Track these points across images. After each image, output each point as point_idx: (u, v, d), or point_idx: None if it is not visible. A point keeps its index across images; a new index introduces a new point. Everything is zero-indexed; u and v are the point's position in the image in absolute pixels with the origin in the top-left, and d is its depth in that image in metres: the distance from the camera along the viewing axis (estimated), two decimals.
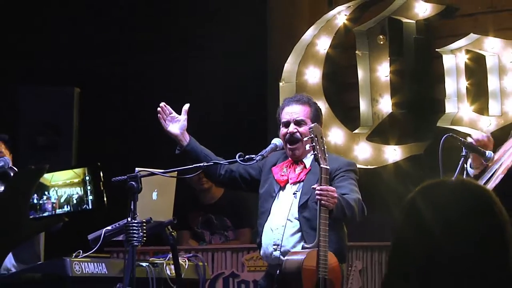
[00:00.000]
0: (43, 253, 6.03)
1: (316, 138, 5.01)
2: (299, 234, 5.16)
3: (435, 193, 1.91)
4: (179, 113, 5.35)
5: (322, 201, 4.90)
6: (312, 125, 5.13)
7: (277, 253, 5.18)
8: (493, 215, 1.88)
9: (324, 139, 5.10)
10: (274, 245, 5.19)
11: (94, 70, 8.44)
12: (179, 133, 5.32)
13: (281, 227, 5.19)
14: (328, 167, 5.00)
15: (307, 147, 5.07)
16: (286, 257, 5.09)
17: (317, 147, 4.99)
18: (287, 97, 5.76)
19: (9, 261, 5.53)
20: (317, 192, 4.92)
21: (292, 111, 5.34)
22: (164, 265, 5.18)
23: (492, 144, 5.04)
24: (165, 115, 5.32)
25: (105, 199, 2.03)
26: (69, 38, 8.48)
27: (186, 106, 5.33)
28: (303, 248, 5.09)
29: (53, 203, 2.01)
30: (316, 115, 5.36)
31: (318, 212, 4.92)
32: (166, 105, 5.34)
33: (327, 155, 5.04)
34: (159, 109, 5.33)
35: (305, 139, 5.14)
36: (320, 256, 4.92)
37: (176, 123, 5.33)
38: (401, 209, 1.94)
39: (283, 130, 5.32)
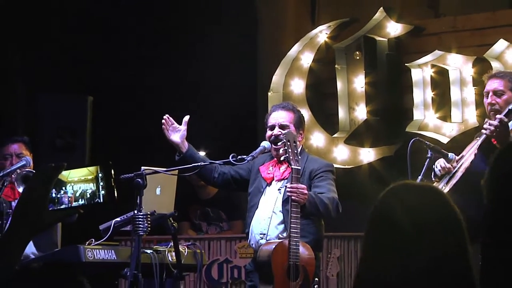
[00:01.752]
0: (60, 242, 6.02)
1: (288, 143, 5.02)
2: (282, 225, 5.16)
3: (405, 197, 1.83)
4: (180, 122, 5.36)
5: (293, 197, 4.93)
6: (286, 131, 5.16)
7: (263, 241, 5.18)
8: (453, 213, 1.82)
9: (296, 143, 5.10)
10: (260, 234, 5.20)
11: (106, 80, 8.43)
12: (180, 141, 5.30)
13: (267, 218, 5.20)
14: (299, 168, 5.02)
15: (281, 151, 5.09)
16: (260, 247, 5.13)
17: (289, 150, 5.00)
18: (275, 104, 5.79)
19: (30, 250, 5.51)
20: (288, 189, 4.96)
21: (278, 116, 5.35)
22: (166, 252, 5.16)
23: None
24: (168, 125, 5.32)
25: (115, 193, 2.03)
26: (84, 52, 8.48)
27: (186, 118, 5.31)
28: (279, 239, 5.13)
29: (69, 197, 2.02)
30: (299, 121, 5.36)
31: (289, 207, 4.94)
32: (169, 117, 5.33)
33: (299, 157, 5.05)
34: (163, 120, 5.33)
35: (278, 143, 5.17)
36: (291, 245, 4.92)
37: (177, 133, 5.31)
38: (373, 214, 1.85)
39: (269, 132, 5.34)
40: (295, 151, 5.01)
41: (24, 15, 8.30)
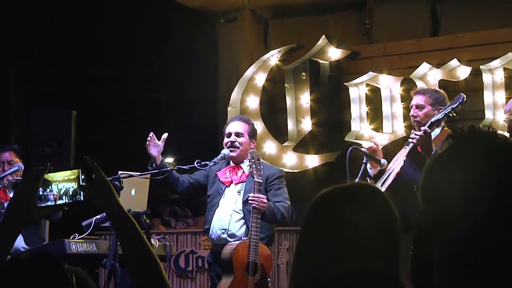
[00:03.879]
0: (47, 237, 5.94)
1: (253, 160, 5.06)
2: (242, 221, 5.16)
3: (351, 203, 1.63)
4: (157, 136, 5.34)
5: (254, 205, 4.95)
6: (252, 151, 5.20)
7: (224, 236, 5.18)
8: (393, 218, 1.63)
9: (260, 160, 5.13)
10: (222, 229, 5.19)
11: (88, 96, 8.37)
12: (157, 154, 5.28)
13: (228, 216, 5.19)
14: (261, 181, 5.05)
15: (248, 167, 5.10)
16: (224, 246, 5.12)
17: (253, 166, 5.04)
18: (233, 117, 5.81)
19: (20, 244, 5.43)
20: (250, 198, 4.98)
21: (234, 126, 5.36)
22: None
23: (380, 150, 5.12)
24: (151, 141, 5.29)
25: None
26: (68, 72, 8.42)
27: (165, 135, 5.29)
28: (238, 233, 5.14)
29: (54, 194, 1.99)
30: (252, 131, 5.38)
31: (251, 213, 4.97)
32: (153, 135, 5.29)
33: (261, 166, 5.08)
34: (148, 137, 5.29)
35: (245, 161, 5.23)
36: (251, 245, 4.94)
37: (156, 147, 5.29)
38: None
39: (226, 139, 5.35)
40: (258, 167, 5.06)
41: (19, 34, 8.21)
